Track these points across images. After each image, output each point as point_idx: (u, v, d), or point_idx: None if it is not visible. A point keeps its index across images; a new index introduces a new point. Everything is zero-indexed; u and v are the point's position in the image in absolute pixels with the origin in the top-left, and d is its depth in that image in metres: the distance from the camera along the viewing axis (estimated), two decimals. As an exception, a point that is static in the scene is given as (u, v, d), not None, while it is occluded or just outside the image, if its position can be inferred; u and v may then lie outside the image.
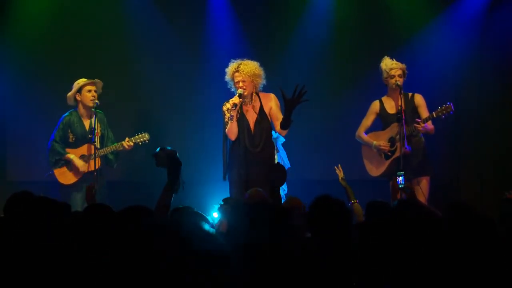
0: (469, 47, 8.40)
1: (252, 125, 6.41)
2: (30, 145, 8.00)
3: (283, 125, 6.17)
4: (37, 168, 7.71)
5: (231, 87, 6.48)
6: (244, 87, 6.31)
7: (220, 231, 4.07)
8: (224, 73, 6.57)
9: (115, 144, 7.09)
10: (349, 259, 3.23)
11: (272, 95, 6.49)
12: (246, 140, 6.37)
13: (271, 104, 6.43)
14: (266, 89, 6.59)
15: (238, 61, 6.43)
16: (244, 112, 6.46)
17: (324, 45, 8.47)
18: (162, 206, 3.62)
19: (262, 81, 6.45)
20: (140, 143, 7.11)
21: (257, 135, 6.38)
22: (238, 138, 6.38)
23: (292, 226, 3.31)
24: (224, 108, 6.38)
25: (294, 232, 3.67)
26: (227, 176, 6.43)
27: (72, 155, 7.02)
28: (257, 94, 6.47)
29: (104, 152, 7.05)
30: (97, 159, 6.93)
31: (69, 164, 7.05)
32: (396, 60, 7.09)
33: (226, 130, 6.35)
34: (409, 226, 3.16)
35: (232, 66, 6.42)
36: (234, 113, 6.29)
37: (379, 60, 7.14)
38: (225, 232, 3.68)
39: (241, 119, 6.42)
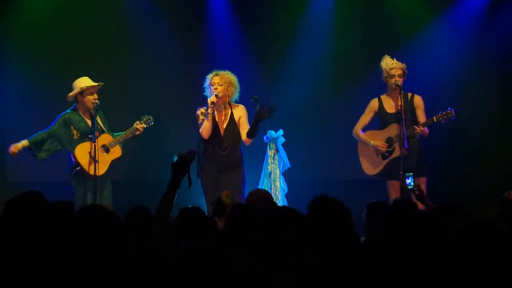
0: (468, 47, 8.40)
1: (222, 131, 6.88)
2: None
3: (250, 134, 6.76)
4: (37, 168, 7.69)
5: (207, 94, 6.90)
6: (219, 90, 6.77)
7: None
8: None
9: (128, 130, 7.16)
10: (349, 259, 3.23)
11: (242, 106, 7.00)
12: (216, 144, 6.84)
13: (241, 113, 6.95)
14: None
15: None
16: (216, 118, 6.89)
17: (324, 45, 8.47)
18: (165, 202, 3.59)
19: (235, 93, 6.93)
20: (148, 126, 7.24)
21: (226, 140, 6.86)
22: (209, 141, 6.82)
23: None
24: (198, 112, 6.87)
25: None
26: (200, 177, 6.87)
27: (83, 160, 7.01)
28: (229, 104, 6.95)
29: (121, 139, 7.10)
30: (114, 150, 7.10)
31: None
32: (396, 60, 7.09)
33: (201, 129, 6.80)
34: (408, 226, 3.16)
35: (213, 73, 6.93)
36: (211, 111, 6.75)
37: (379, 61, 7.14)
38: None
39: (213, 125, 6.84)
